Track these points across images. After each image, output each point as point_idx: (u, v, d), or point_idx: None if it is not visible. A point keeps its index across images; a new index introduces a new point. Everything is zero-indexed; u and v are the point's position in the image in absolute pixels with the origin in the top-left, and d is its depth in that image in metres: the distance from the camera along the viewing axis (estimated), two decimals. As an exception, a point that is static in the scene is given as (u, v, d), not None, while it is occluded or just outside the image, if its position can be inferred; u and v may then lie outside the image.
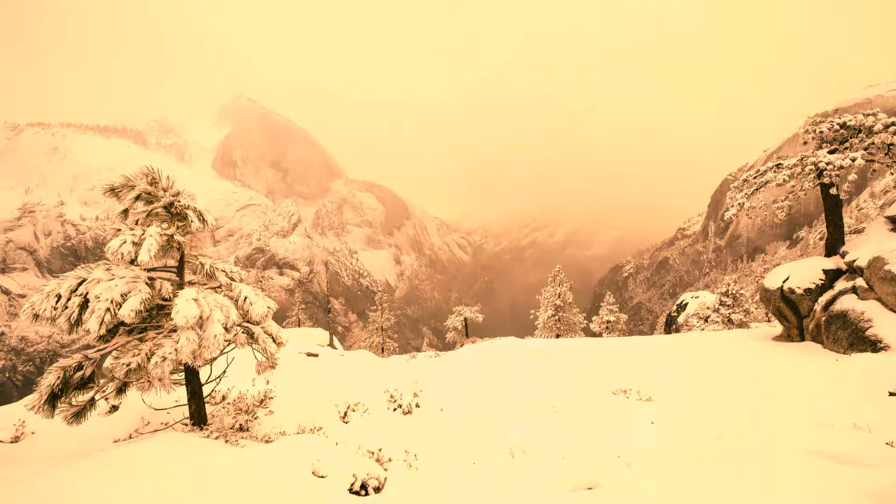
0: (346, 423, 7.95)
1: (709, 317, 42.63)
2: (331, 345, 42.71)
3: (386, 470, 5.84)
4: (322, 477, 5.12)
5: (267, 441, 6.75)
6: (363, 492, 5.20)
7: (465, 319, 49.72)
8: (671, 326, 55.63)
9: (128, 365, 5.89)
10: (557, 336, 44.49)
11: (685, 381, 11.09)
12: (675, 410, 6.95)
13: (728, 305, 39.95)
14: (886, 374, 9.83)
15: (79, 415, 6.42)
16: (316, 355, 30.24)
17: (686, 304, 56.43)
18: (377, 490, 5.29)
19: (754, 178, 21.83)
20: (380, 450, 6.18)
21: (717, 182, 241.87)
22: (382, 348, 51.08)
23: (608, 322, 47.30)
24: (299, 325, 56.13)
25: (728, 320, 39.09)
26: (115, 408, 7.24)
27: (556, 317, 43.96)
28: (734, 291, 39.51)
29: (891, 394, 9.34)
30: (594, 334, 47.84)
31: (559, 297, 43.94)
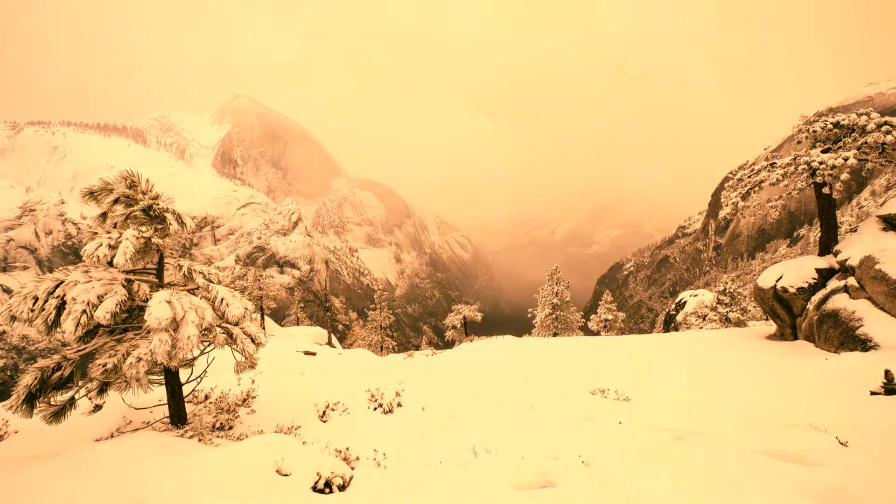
0: (325, 422, 8.03)
1: (706, 315, 42.71)
2: (329, 343, 42.90)
3: (353, 468, 5.91)
4: (286, 475, 5.19)
5: (240, 440, 6.80)
6: (327, 490, 5.28)
7: (465, 318, 49.82)
8: (670, 325, 55.68)
9: (104, 365, 5.94)
10: (555, 334, 44.53)
11: (667, 381, 11.16)
12: (649, 410, 7.01)
13: (726, 304, 39.97)
14: (870, 374, 9.86)
15: (58, 414, 6.47)
16: (314, 354, 30.40)
17: (685, 303, 56.47)
18: (341, 488, 5.35)
19: (749, 177, 21.81)
20: (347, 449, 6.25)
21: (718, 180, 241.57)
22: (381, 347, 51.22)
23: (606, 320, 47.31)
24: (298, 324, 56.31)
25: (726, 319, 39.13)
26: (98, 407, 7.30)
27: (554, 315, 43.97)
28: (732, 290, 39.53)
29: (872, 393, 9.37)
30: (593, 333, 47.87)
31: (556, 295, 43.95)
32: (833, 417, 6.18)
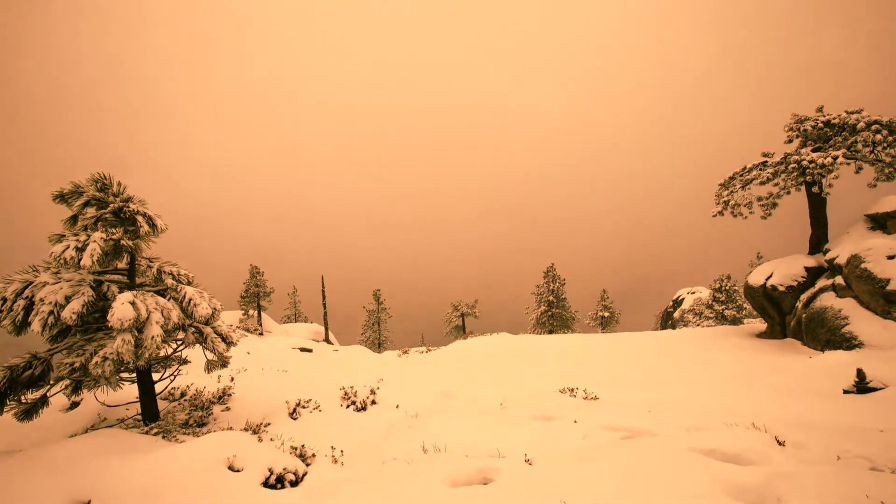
0: (295, 419, 8.15)
1: (702, 312, 42.74)
2: (327, 340, 43.07)
3: (308, 465, 6.10)
4: (237, 471, 5.35)
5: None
6: (279, 485, 5.43)
7: (463, 315, 50.18)
8: (667, 322, 55.73)
9: (71, 365, 6.06)
10: (550, 332, 44.58)
11: (641, 379, 11.26)
12: (611, 409, 7.09)
13: (721, 302, 39.98)
14: (849, 372, 9.91)
15: (29, 412, 6.59)
16: (310, 350, 30.50)
17: (682, 300, 56.46)
18: (294, 484, 5.51)
19: (740, 175, 21.81)
20: (303, 446, 6.42)
21: (719, 177, 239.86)
22: (379, 343, 51.56)
23: (602, 318, 47.38)
24: (296, 321, 56.50)
25: (721, 316, 39.16)
26: (75, 404, 7.42)
27: (550, 313, 44.02)
28: (727, 287, 39.55)
29: (845, 391, 9.42)
30: (589, 330, 47.93)
31: (552, 293, 44.00)
32: (793, 416, 6.27)
